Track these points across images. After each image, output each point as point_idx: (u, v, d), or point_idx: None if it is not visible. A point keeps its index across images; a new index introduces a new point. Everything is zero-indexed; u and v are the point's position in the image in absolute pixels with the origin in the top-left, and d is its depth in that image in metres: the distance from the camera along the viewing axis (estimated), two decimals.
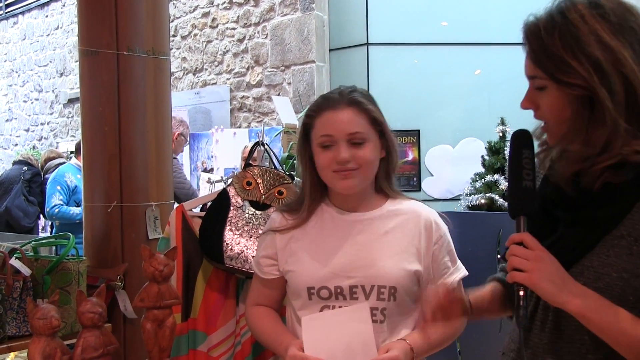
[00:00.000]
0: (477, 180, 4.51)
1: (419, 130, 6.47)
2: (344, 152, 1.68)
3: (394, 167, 1.80)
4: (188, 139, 5.51)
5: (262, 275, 1.88)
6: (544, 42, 1.28)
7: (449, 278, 1.79)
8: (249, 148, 5.01)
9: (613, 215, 1.26)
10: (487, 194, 4.30)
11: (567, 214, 1.34)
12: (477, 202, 4.30)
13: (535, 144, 1.39)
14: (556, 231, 1.35)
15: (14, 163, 7.18)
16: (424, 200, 1.89)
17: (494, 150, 4.59)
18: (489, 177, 4.43)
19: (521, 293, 1.27)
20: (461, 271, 1.83)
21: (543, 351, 1.37)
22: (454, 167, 6.32)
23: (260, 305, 1.92)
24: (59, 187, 5.52)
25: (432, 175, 6.52)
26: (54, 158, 6.80)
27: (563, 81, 1.27)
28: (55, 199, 5.49)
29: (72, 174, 5.53)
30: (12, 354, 3.04)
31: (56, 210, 5.46)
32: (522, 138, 1.38)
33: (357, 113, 1.71)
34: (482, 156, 4.65)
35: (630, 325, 1.23)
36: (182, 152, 5.56)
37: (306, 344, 1.67)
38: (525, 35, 1.34)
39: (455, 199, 5.78)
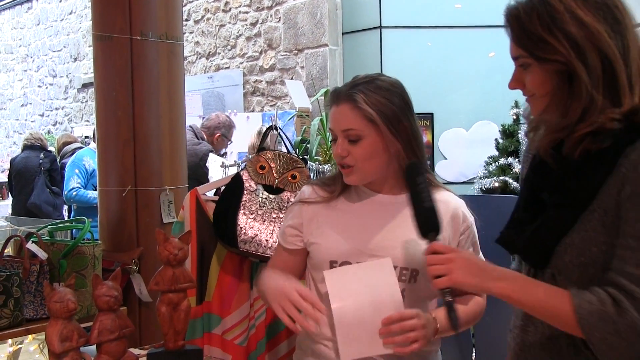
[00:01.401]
0: (491, 164, 4.49)
1: (432, 114, 6.45)
2: (339, 148, 1.72)
3: (415, 156, 1.74)
4: (231, 139, 5.52)
5: (285, 244, 1.89)
6: (524, 23, 1.36)
7: None
8: (254, 135, 5.03)
9: (588, 191, 1.32)
10: (501, 177, 4.29)
11: (552, 196, 1.39)
12: (491, 185, 4.28)
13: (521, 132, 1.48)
14: (543, 213, 1.41)
15: (26, 147, 7.07)
16: None
17: (507, 133, 4.56)
18: (502, 160, 4.41)
19: (447, 299, 1.43)
20: None
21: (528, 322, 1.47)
22: (467, 151, 6.30)
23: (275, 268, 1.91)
24: (77, 171, 5.56)
25: (446, 159, 6.50)
26: (70, 143, 6.82)
27: (543, 58, 1.35)
28: (73, 182, 5.53)
29: (90, 157, 5.57)
30: (30, 337, 3.09)
31: (74, 193, 5.51)
32: (413, 169, 1.60)
33: (351, 109, 1.70)
34: (496, 139, 4.62)
35: (552, 297, 1.33)
36: (225, 148, 5.58)
37: (332, 296, 1.64)
38: (506, 19, 1.41)
39: (469, 182, 5.77)
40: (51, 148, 7.50)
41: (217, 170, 4.27)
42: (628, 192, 1.26)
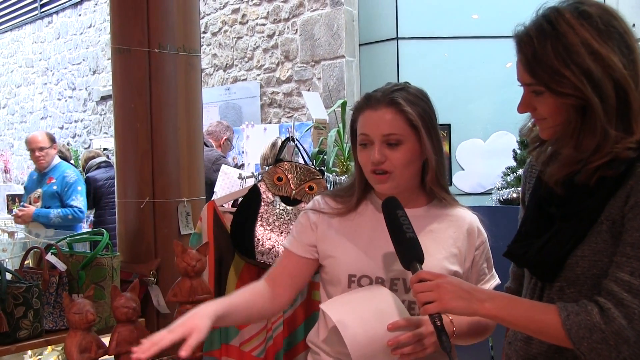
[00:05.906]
0: (509, 174, 4.46)
1: (449, 124, 6.42)
2: (377, 153, 1.66)
3: (438, 169, 1.73)
4: (233, 144, 5.96)
5: (296, 251, 1.81)
6: (537, 53, 1.34)
7: (485, 285, 1.78)
8: (268, 146, 5.09)
9: (597, 205, 1.33)
10: (519, 188, 4.25)
11: (559, 209, 1.40)
12: (509, 196, 4.25)
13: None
14: (552, 227, 1.42)
15: None
16: (456, 195, 1.87)
17: (525, 143, 4.53)
18: (520, 171, 4.38)
19: (438, 323, 1.41)
20: (495, 279, 1.83)
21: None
22: (485, 161, 6.26)
23: (266, 279, 1.83)
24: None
25: (463, 170, 6.47)
26: (94, 157, 6.88)
27: (558, 91, 1.32)
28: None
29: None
30: (49, 348, 3.10)
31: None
32: (392, 203, 1.59)
33: (394, 114, 1.66)
34: (514, 150, 4.60)
35: (539, 312, 1.35)
36: (229, 151, 5.94)
37: (338, 323, 1.58)
38: (518, 45, 1.40)
39: (487, 193, 5.73)
40: (72, 161, 7.60)
41: (231, 181, 4.30)
42: (632, 202, 1.28)
